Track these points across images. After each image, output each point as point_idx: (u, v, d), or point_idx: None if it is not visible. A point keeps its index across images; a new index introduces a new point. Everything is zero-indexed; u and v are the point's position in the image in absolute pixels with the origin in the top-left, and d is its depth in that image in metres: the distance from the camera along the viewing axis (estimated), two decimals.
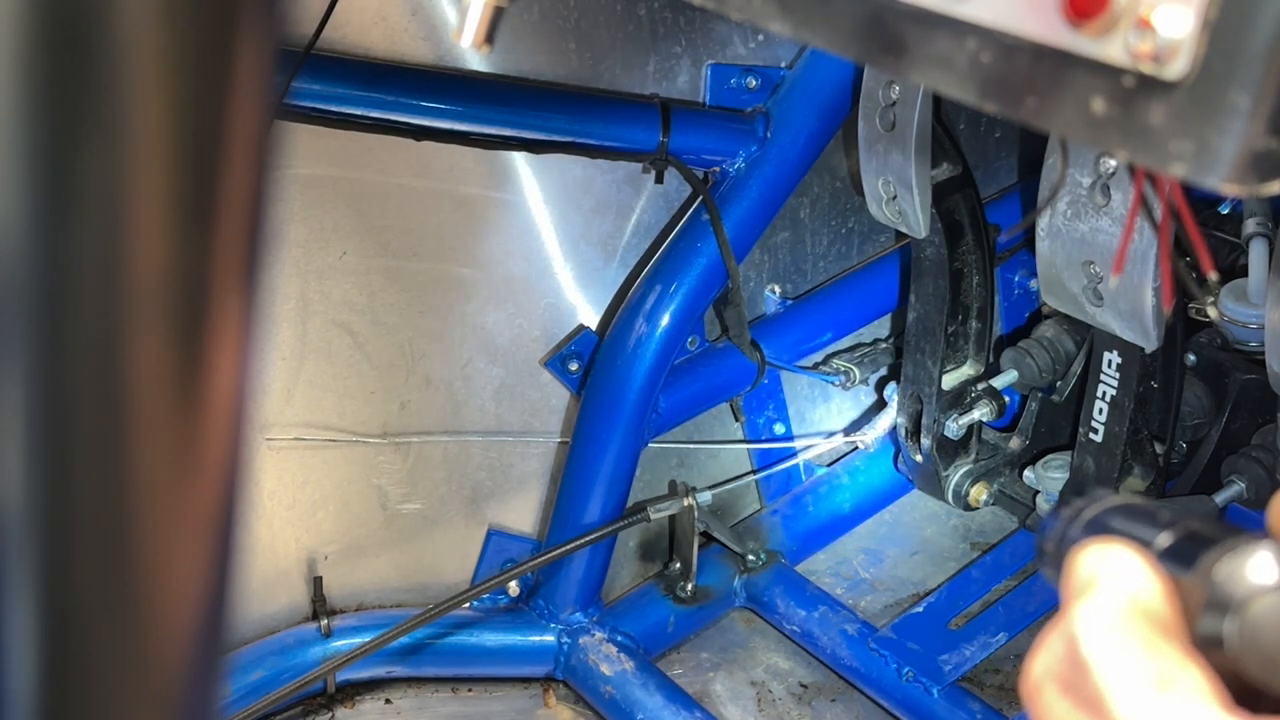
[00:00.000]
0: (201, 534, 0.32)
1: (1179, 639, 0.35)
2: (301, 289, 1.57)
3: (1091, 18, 0.58)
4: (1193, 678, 0.34)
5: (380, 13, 1.50)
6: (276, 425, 1.60)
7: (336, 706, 1.69)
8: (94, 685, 0.31)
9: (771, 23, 0.72)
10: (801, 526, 1.96)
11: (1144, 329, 1.39)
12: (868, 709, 1.74)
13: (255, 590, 1.65)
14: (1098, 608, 0.36)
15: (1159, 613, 0.36)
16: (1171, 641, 0.35)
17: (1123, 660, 0.34)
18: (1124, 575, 0.37)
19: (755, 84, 1.73)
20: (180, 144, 0.28)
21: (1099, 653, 0.35)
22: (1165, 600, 0.36)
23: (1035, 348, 1.77)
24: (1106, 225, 1.35)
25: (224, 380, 0.31)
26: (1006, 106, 0.63)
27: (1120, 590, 0.36)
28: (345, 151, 1.52)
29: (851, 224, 1.94)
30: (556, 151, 1.61)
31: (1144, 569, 0.37)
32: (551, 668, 1.78)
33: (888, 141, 1.60)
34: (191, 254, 0.29)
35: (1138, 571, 0.37)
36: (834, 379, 1.91)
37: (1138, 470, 1.64)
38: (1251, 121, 0.56)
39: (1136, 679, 0.34)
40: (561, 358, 1.75)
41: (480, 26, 0.90)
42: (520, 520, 1.80)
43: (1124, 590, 0.36)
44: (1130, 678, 0.34)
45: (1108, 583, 0.37)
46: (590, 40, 1.62)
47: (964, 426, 1.81)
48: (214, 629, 0.33)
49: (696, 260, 1.72)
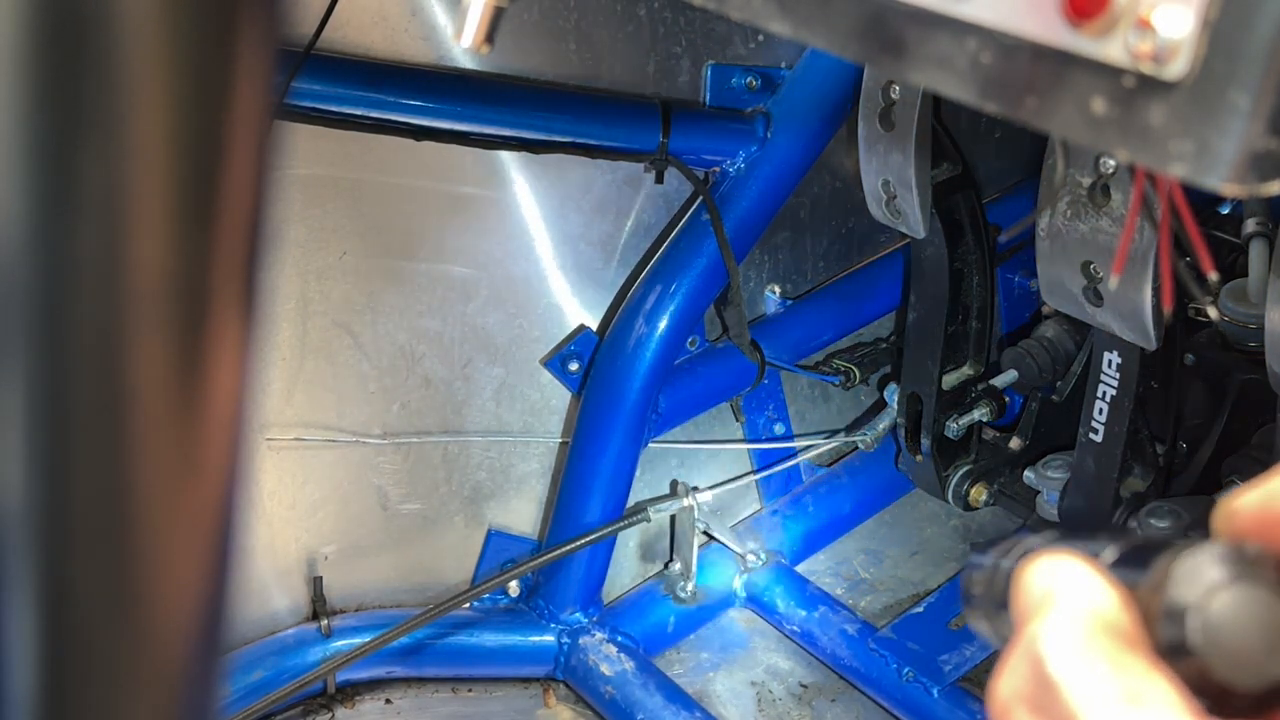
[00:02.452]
0: (201, 534, 0.32)
1: (1142, 650, 0.35)
2: (301, 289, 1.57)
3: (1091, 18, 0.58)
4: (1161, 690, 0.34)
5: (380, 13, 1.50)
6: (276, 425, 1.60)
7: (336, 706, 1.69)
8: (94, 685, 0.31)
9: (771, 23, 0.72)
10: (801, 526, 1.96)
11: (1144, 329, 1.39)
12: (868, 709, 1.74)
13: (255, 590, 1.65)
14: (1059, 624, 0.36)
15: (1120, 625, 0.36)
16: (1136, 654, 0.35)
17: (1091, 678, 0.34)
18: (1080, 588, 0.37)
19: (755, 84, 1.73)
20: (180, 144, 0.28)
21: (1066, 671, 0.35)
22: (1124, 611, 0.36)
23: (1035, 348, 1.77)
24: (1106, 225, 1.35)
25: (224, 380, 0.31)
26: (1006, 106, 0.63)
27: (1079, 604, 0.36)
28: (345, 151, 1.52)
29: (851, 224, 1.94)
30: (556, 151, 1.61)
31: (1099, 580, 0.37)
32: (551, 668, 1.78)
33: (888, 141, 1.60)
34: (192, 254, 0.29)
35: (1093, 583, 0.37)
36: (834, 379, 1.91)
37: (1138, 470, 1.64)
38: (1251, 121, 0.56)
39: (1106, 696, 0.34)
40: (561, 358, 1.75)
41: (480, 27, 0.90)
42: (520, 520, 1.81)
43: (1083, 604, 0.36)
44: (1100, 695, 0.34)
45: (1065, 597, 0.36)
46: (590, 40, 1.62)
47: (964, 426, 1.81)
48: (214, 629, 0.33)
49: (696, 260, 1.72)
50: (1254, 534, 0.37)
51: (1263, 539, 0.36)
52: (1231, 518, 0.37)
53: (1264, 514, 0.37)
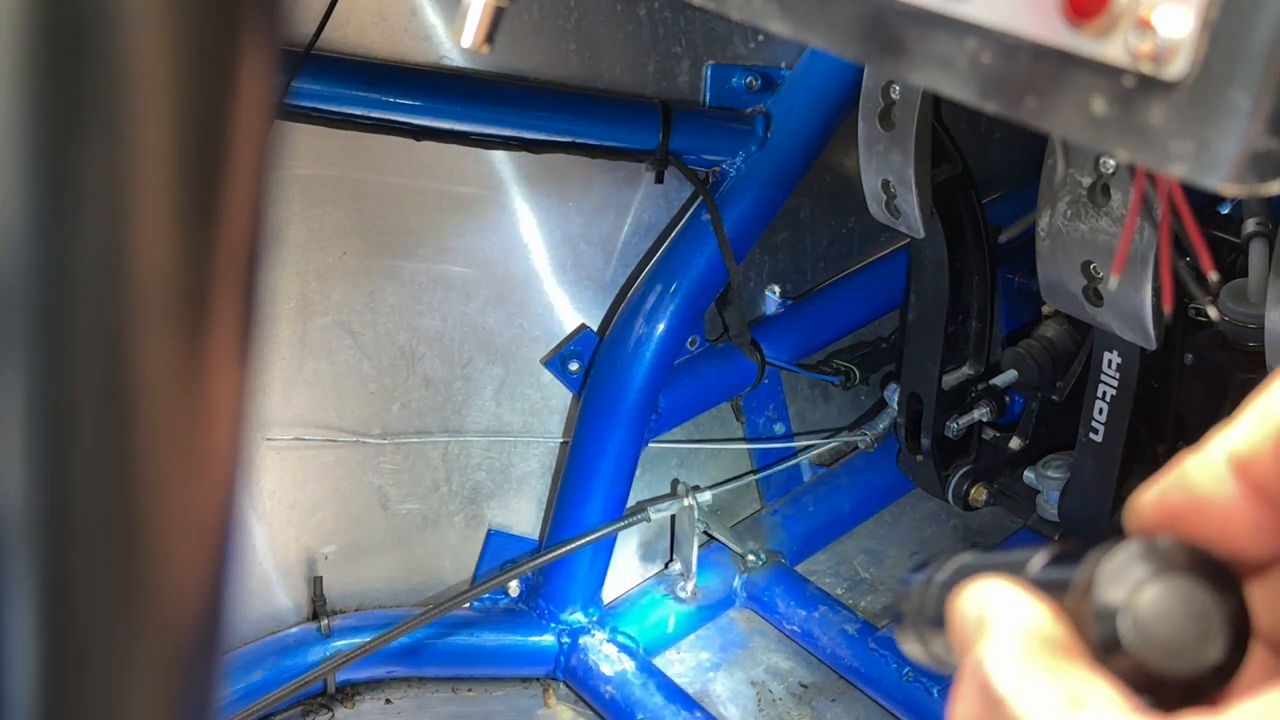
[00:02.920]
0: (202, 533, 0.32)
1: (1079, 655, 0.37)
2: (301, 289, 1.57)
3: (1091, 18, 0.58)
4: (1101, 690, 0.35)
5: (380, 13, 1.50)
6: (276, 425, 1.60)
7: (336, 706, 1.69)
8: (94, 684, 0.31)
9: (771, 23, 0.72)
10: (801, 526, 1.96)
11: (1144, 329, 1.39)
12: (868, 709, 1.74)
13: (255, 590, 1.65)
14: (997, 646, 0.37)
15: (1054, 636, 0.37)
16: (1074, 660, 0.37)
17: (1033, 690, 0.36)
18: (1010, 607, 0.38)
19: (755, 84, 1.73)
20: (181, 144, 0.28)
21: (1009, 688, 0.36)
22: (1056, 621, 0.38)
23: (1035, 348, 1.77)
24: (1106, 225, 1.35)
25: (225, 379, 0.31)
26: (1006, 106, 0.63)
27: (1013, 623, 0.38)
28: (345, 151, 1.52)
29: (851, 224, 1.94)
30: (556, 151, 1.61)
31: (1026, 597, 0.39)
32: (551, 668, 1.78)
33: (888, 141, 1.60)
34: (192, 254, 0.29)
35: (1022, 601, 0.38)
36: (834, 379, 1.91)
37: (1138, 470, 1.64)
38: (1251, 121, 0.56)
39: (1049, 704, 0.35)
40: (561, 358, 1.75)
41: (480, 27, 0.90)
42: (520, 520, 1.81)
43: (1016, 622, 0.38)
44: (1043, 704, 0.36)
45: (999, 619, 0.38)
46: (590, 40, 1.62)
47: (964, 426, 1.81)
48: (214, 628, 0.33)
49: (696, 260, 1.72)
50: (1159, 526, 0.38)
51: (1169, 529, 0.38)
52: (1138, 514, 0.39)
53: (1163, 506, 0.39)
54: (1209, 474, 0.38)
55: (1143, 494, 0.39)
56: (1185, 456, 0.38)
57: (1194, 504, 0.38)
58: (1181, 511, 0.38)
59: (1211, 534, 0.37)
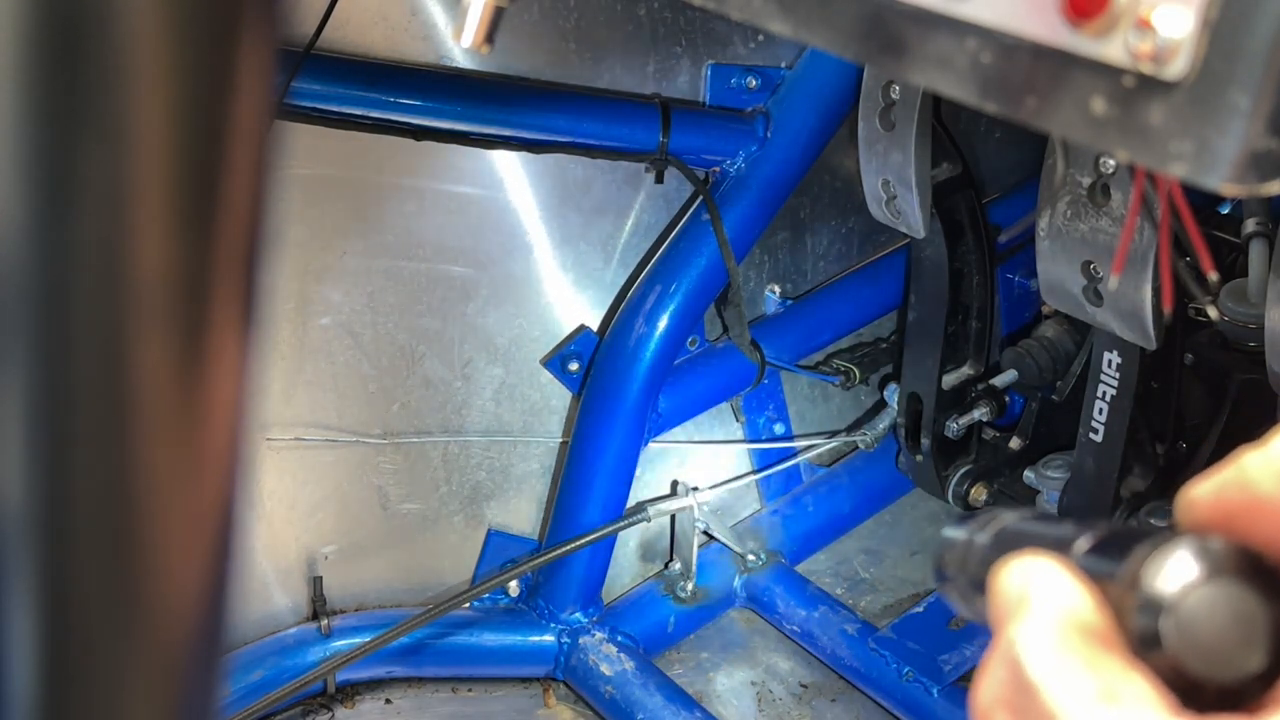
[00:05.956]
0: (202, 533, 0.32)
1: (1117, 648, 0.36)
2: (301, 289, 1.57)
3: (1091, 18, 0.58)
4: (1137, 686, 0.35)
5: (380, 13, 1.50)
6: (276, 425, 1.60)
7: (336, 706, 1.69)
8: (94, 684, 0.31)
9: (771, 23, 0.72)
10: (801, 526, 1.96)
11: (1144, 329, 1.39)
12: (868, 709, 1.74)
13: (255, 590, 1.65)
14: (1035, 629, 0.37)
15: (1094, 624, 0.37)
16: (1111, 652, 0.36)
17: (1067, 678, 0.35)
18: (1053, 589, 0.38)
19: (755, 84, 1.73)
20: (181, 144, 0.28)
21: (1043, 674, 0.36)
22: (1097, 610, 0.37)
23: (1035, 348, 1.77)
24: (1106, 225, 1.34)
25: (224, 380, 0.31)
26: (1006, 106, 0.63)
27: (1053, 606, 0.37)
28: (345, 151, 1.52)
29: (851, 224, 1.94)
30: (556, 151, 1.61)
31: (1072, 580, 0.38)
32: (551, 668, 1.77)
33: (888, 141, 1.60)
34: (192, 254, 0.29)
35: (1066, 584, 0.38)
36: (834, 379, 1.91)
37: (1138, 470, 1.64)
38: (1251, 121, 0.56)
39: (1083, 696, 0.35)
40: (561, 358, 1.75)
41: (480, 27, 0.90)
42: (520, 520, 1.81)
43: (1057, 606, 0.37)
44: (1076, 695, 0.35)
45: (1039, 600, 0.37)
46: (590, 40, 1.62)
47: (964, 426, 1.81)
48: (214, 628, 0.33)
49: (696, 260, 1.72)
50: (1212, 524, 0.37)
51: (1221, 528, 0.37)
52: (1191, 508, 0.38)
53: (1219, 504, 0.37)
54: (1270, 474, 0.36)
55: (1198, 486, 0.38)
56: (1244, 452, 0.37)
57: (1251, 504, 0.37)
58: (1238, 511, 0.37)
59: (1266, 536, 0.36)
